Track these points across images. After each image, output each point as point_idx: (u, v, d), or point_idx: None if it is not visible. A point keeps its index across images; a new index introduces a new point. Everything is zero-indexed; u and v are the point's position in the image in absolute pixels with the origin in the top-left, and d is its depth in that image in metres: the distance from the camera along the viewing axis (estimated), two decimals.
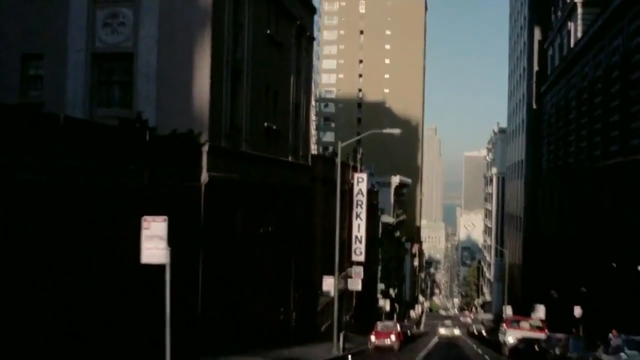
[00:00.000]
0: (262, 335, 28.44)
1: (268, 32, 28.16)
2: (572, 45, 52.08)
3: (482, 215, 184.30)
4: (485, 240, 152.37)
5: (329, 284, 32.41)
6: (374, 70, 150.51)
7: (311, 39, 36.27)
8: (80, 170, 14.21)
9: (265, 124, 28.19)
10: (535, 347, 27.56)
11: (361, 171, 55.15)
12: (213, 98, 21.92)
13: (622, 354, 14.66)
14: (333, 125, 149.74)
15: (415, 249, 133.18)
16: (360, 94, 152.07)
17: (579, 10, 51.02)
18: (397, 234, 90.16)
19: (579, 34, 50.09)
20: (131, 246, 13.90)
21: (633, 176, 33.15)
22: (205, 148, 21.08)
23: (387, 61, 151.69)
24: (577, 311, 40.72)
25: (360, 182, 48.16)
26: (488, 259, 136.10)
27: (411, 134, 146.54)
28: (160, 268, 13.59)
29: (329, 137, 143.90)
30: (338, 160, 33.15)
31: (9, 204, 12.17)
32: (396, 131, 33.63)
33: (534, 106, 72.91)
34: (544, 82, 65.99)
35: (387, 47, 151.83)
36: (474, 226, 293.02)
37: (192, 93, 21.68)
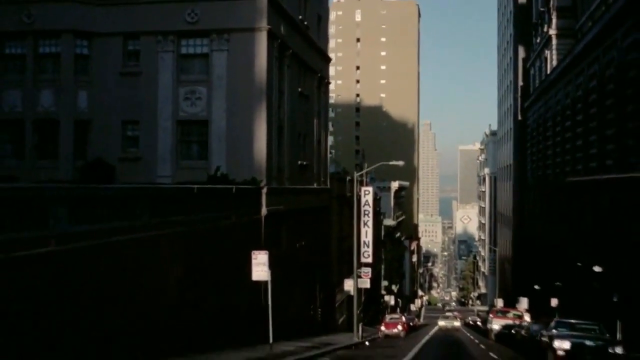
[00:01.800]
0: (299, 327, 36.25)
1: (299, 89, 36.00)
2: (549, 70, 59.84)
3: (477, 210, 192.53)
4: (479, 236, 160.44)
5: (349, 284, 40.26)
6: (371, 76, 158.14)
7: (328, 83, 44.09)
8: (205, 219, 22.00)
9: (299, 162, 36.07)
10: (512, 331, 35.45)
11: (367, 184, 63.01)
12: (268, 151, 29.72)
13: (553, 330, 22.32)
14: (332, 129, 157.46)
15: (413, 245, 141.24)
16: (358, 99, 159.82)
17: (554, 41, 58.74)
18: (398, 234, 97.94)
19: (554, 62, 57.81)
20: (241, 266, 21.78)
21: (593, 194, 40.94)
22: (264, 190, 28.87)
23: (382, 67, 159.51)
24: (554, 302, 48.60)
25: (367, 194, 55.90)
26: (483, 253, 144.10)
27: (407, 135, 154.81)
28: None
29: (329, 140, 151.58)
30: (355, 182, 41.06)
31: (183, 247, 20.02)
32: (400, 163, 41.44)
33: (519, 117, 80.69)
34: (527, 98, 73.73)
35: (383, 53, 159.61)
36: (470, 219, 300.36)
37: (252, 148, 29.47)
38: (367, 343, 38.25)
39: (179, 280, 19.85)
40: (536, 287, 59.11)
